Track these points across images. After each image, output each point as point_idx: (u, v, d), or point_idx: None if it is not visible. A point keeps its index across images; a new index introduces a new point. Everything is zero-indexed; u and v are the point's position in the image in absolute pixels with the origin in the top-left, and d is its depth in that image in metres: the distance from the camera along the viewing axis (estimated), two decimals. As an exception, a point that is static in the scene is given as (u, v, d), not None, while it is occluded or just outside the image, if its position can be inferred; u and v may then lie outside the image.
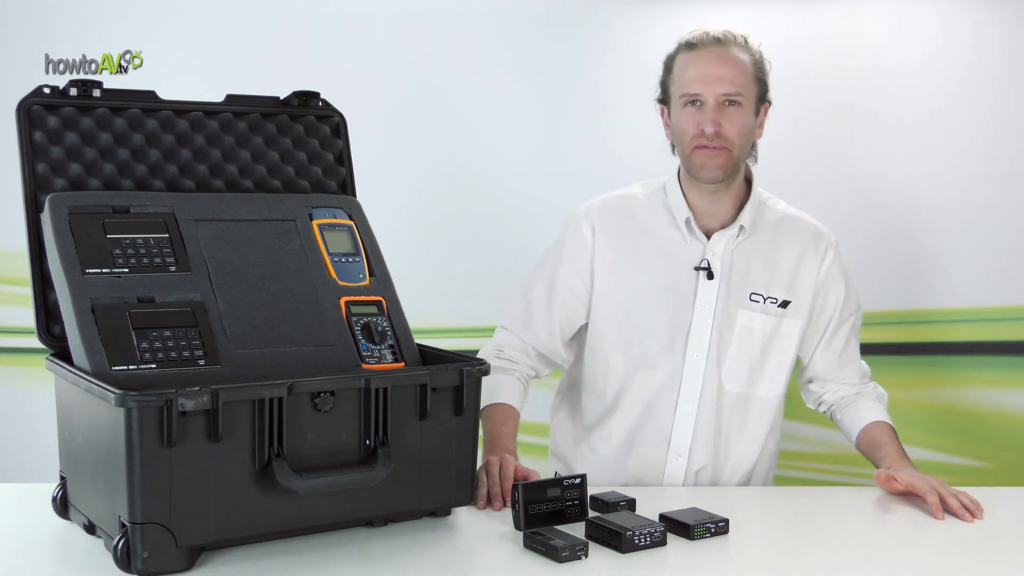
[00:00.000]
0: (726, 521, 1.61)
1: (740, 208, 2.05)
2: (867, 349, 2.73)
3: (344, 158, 1.90)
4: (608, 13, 2.89)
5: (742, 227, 2.03)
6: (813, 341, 2.09)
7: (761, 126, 2.03)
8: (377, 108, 2.85)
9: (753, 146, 2.04)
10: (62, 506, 1.62)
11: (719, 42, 1.96)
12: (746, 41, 1.98)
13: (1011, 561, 1.55)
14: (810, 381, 2.14)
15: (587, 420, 2.12)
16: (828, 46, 2.86)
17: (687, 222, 2.03)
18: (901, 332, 2.87)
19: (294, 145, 1.87)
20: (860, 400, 2.09)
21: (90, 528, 1.53)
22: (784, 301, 2.02)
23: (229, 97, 1.85)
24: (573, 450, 2.15)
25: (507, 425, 1.98)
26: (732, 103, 1.94)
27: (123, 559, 1.38)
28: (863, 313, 2.17)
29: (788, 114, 2.84)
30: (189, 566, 1.42)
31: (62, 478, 1.62)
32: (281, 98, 1.89)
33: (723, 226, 2.04)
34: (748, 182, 2.08)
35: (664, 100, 2.05)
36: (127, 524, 1.37)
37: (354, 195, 1.88)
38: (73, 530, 1.60)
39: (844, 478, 2.85)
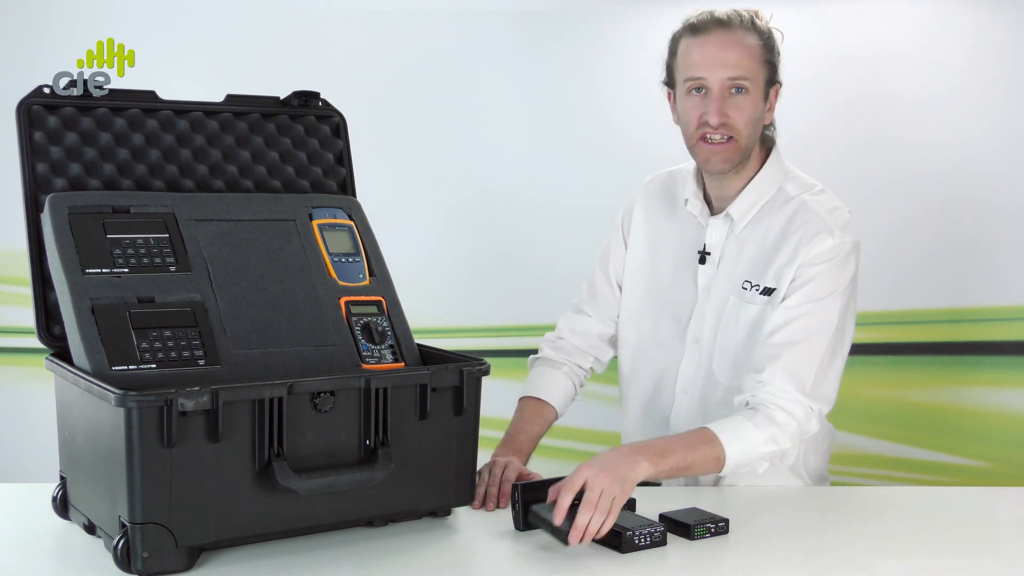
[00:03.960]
0: (726, 521, 1.61)
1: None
2: (867, 349, 2.73)
3: (344, 158, 1.90)
4: (611, 11, 2.89)
5: (728, 215, 1.93)
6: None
7: (771, 109, 1.92)
8: (377, 108, 2.85)
9: (767, 127, 1.94)
10: (62, 506, 1.62)
11: (723, 24, 1.85)
12: (753, 22, 1.86)
13: (1011, 561, 1.55)
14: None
15: (621, 386, 2.10)
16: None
17: (685, 203, 1.98)
18: (901, 332, 2.87)
19: (294, 145, 1.87)
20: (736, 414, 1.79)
21: (90, 528, 1.53)
22: (767, 288, 1.90)
23: (229, 97, 1.86)
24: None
25: (533, 424, 1.96)
26: (739, 90, 1.84)
27: (123, 559, 1.38)
28: (847, 335, 1.87)
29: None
30: (189, 566, 1.42)
31: (62, 478, 1.62)
32: (281, 98, 1.89)
33: None
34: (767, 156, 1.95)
35: (670, 83, 1.95)
36: (127, 524, 1.37)
37: (354, 195, 1.88)
38: (73, 530, 1.60)
39: (845, 478, 2.84)
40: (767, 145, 1.96)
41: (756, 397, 1.79)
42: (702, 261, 1.96)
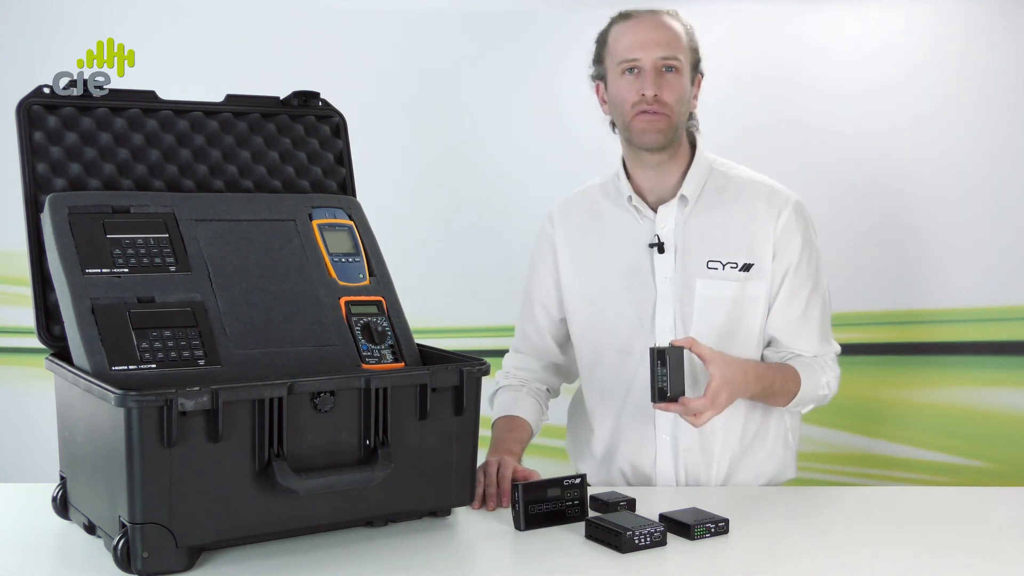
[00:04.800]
0: (726, 521, 1.61)
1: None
2: (867, 349, 2.74)
3: (344, 158, 1.90)
4: (604, 11, 2.89)
5: (683, 197, 2.00)
6: (771, 297, 2.01)
7: (695, 97, 2.03)
8: (377, 108, 2.85)
9: (691, 116, 2.04)
10: (62, 506, 1.62)
11: (652, 11, 1.99)
12: (677, 13, 2.01)
13: (1011, 561, 1.55)
14: (768, 345, 2.03)
15: (587, 414, 2.12)
16: (825, 44, 2.86)
17: (629, 199, 2.02)
18: (901, 332, 2.87)
19: (294, 145, 1.87)
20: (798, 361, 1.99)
21: (90, 528, 1.53)
22: (746, 264, 1.98)
23: (229, 97, 1.86)
24: (575, 450, 2.15)
25: (514, 431, 1.98)
26: (669, 69, 1.94)
27: (123, 559, 1.38)
28: (829, 295, 2.05)
29: (784, 112, 2.86)
30: (189, 566, 1.42)
31: (62, 478, 1.62)
32: (281, 98, 1.89)
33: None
34: (694, 151, 2.05)
35: (600, 75, 2.05)
36: (127, 524, 1.37)
37: (354, 195, 1.88)
38: (73, 530, 1.60)
39: (845, 478, 2.85)
40: (691, 139, 2.06)
41: (805, 354, 1.99)
42: (661, 251, 1.99)
